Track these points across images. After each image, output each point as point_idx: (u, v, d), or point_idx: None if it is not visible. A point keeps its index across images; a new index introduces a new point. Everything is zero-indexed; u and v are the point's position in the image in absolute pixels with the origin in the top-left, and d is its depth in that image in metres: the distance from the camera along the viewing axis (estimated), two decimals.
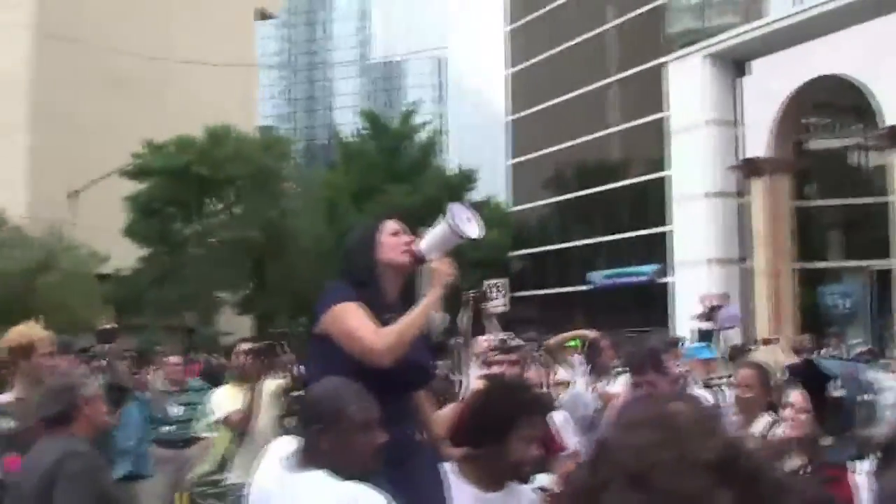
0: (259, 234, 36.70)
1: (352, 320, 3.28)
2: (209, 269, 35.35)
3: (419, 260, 3.50)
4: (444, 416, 4.10)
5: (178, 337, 34.84)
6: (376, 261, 3.49)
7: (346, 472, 2.78)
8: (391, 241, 3.53)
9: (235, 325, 37.73)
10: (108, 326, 7.18)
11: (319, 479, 2.69)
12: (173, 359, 10.16)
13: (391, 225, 3.59)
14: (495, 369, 5.25)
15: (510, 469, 3.43)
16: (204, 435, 6.84)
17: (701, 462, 0.98)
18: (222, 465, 6.43)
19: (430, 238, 3.52)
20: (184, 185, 35.02)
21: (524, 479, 3.59)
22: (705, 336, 19.13)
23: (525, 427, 3.40)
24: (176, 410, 8.69)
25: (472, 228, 3.50)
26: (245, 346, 6.94)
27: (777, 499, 0.97)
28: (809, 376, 3.65)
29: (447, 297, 3.48)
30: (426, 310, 3.36)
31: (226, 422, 6.44)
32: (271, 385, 6.62)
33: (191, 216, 37.34)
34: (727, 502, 0.96)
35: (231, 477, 6.27)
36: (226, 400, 6.57)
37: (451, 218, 3.45)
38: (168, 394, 8.77)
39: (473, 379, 3.94)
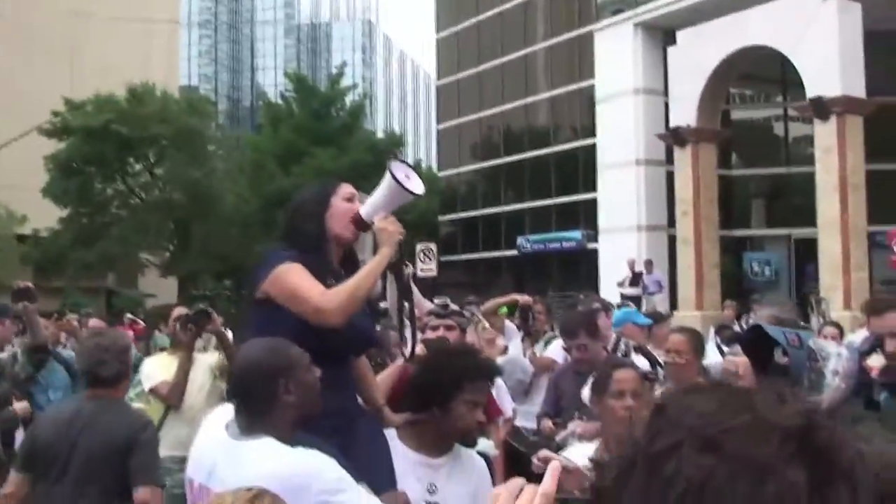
0: (182, 196, 36.13)
1: (298, 280, 3.12)
2: (131, 230, 34.74)
3: (363, 227, 3.36)
4: (383, 380, 4.01)
5: (98, 299, 34.27)
6: (325, 229, 3.33)
7: (303, 414, 2.75)
8: (344, 207, 3.37)
9: (159, 287, 37.25)
10: (23, 285, 6.82)
11: (268, 446, 2.58)
12: (93, 321, 9.95)
13: (346, 189, 3.43)
14: (430, 334, 5.17)
15: (455, 434, 3.37)
16: (134, 405, 6.57)
17: (777, 428, 0.91)
18: None
19: (374, 201, 3.37)
20: (104, 144, 34.21)
21: (469, 444, 3.53)
22: (630, 301, 19.36)
23: (470, 392, 3.33)
24: None
25: (416, 184, 3.39)
26: (178, 311, 6.65)
27: (850, 478, 0.90)
28: (754, 342, 3.60)
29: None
30: (377, 268, 3.21)
31: (154, 392, 6.10)
32: (209, 359, 6.32)
33: (112, 176, 36.59)
34: (800, 473, 0.89)
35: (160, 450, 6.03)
36: (157, 369, 6.19)
37: (396, 176, 3.33)
38: None
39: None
